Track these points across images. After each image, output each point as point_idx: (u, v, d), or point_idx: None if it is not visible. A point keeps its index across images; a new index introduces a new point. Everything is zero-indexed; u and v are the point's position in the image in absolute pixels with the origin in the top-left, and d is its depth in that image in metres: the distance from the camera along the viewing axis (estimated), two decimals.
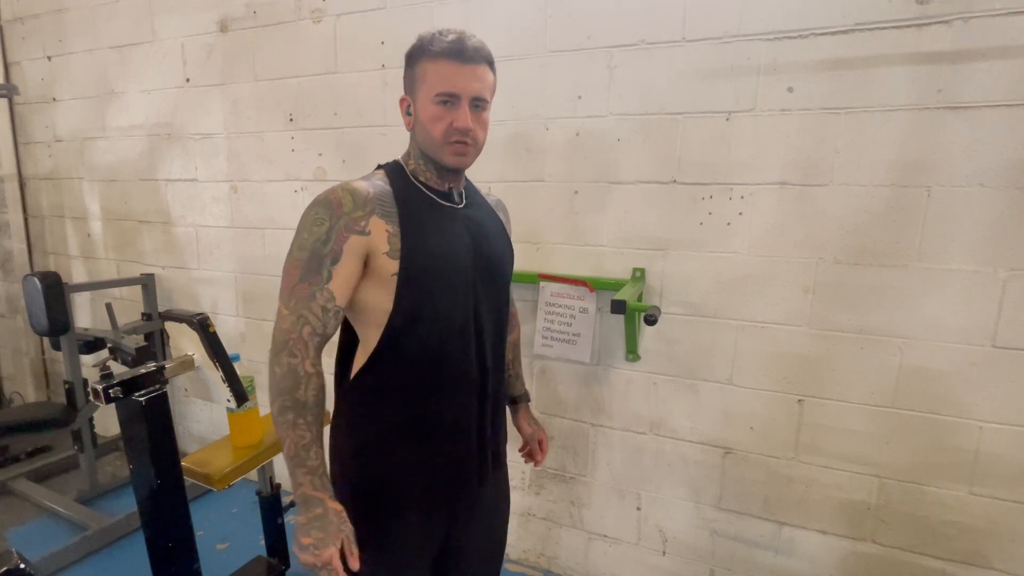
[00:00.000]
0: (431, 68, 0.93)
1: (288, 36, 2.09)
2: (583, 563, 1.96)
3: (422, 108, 0.95)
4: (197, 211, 2.46)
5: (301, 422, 0.88)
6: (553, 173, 1.75)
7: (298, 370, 0.89)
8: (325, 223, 0.90)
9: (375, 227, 0.93)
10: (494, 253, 1.07)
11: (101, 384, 1.31)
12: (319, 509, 0.87)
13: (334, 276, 0.90)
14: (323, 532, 0.85)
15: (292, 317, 0.90)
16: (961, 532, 1.45)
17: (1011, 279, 1.32)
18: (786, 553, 1.66)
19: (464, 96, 0.94)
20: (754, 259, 1.54)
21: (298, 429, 0.88)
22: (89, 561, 2.05)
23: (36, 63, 2.79)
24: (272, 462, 1.76)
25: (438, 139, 0.95)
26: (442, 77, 0.93)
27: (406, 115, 1.01)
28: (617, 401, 1.79)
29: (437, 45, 0.93)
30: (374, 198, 0.94)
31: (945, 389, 1.41)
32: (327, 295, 0.90)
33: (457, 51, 0.92)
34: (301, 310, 0.90)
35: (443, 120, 0.94)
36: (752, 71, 1.46)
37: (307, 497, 0.87)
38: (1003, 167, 1.29)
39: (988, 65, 1.27)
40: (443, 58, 0.92)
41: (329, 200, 0.92)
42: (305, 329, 0.89)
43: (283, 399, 0.89)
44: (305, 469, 0.88)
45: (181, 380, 2.71)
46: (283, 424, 0.88)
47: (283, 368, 0.89)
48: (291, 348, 0.89)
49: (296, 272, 0.90)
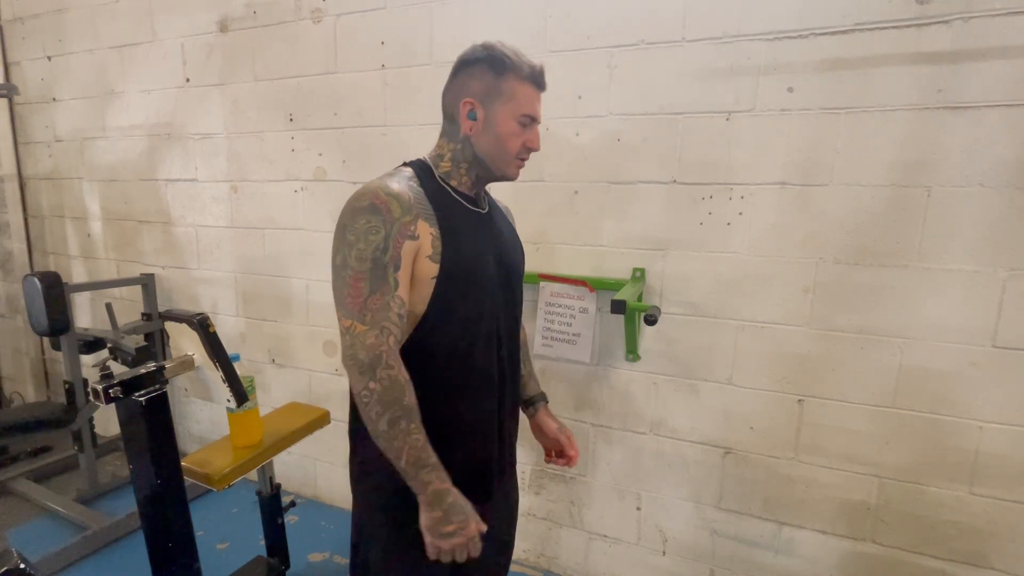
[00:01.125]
0: (520, 89, 0.99)
1: (288, 36, 2.09)
2: (583, 563, 1.96)
3: (502, 122, 0.99)
4: (197, 211, 2.46)
5: (414, 427, 0.90)
6: (553, 173, 1.75)
7: (398, 379, 0.89)
8: (380, 231, 0.90)
9: (422, 231, 0.94)
10: (512, 259, 1.12)
11: (101, 384, 1.30)
12: (450, 498, 0.91)
13: (400, 282, 0.91)
14: (462, 515, 0.91)
15: (375, 331, 0.88)
16: (961, 532, 1.45)
17: (1011, 279, 1.32)
18: (786, 553, 1.66)
19: (539, 121, 1.04)
20: (754, 259, 1.54)
21: (412, 435, 0.89)
22: (89, 561, 2.04)
23: (36, 63, 2.79)
24: (272, 462, 1.76)
25: (511, 153, 1.02)
26: (529, 100, 1.00)
27: (468, 119, 1.00)
28: (617, 401, 1.79)
29: (525, 69, 0.99)
30: (415, 201, 0.95)
31: (945, 389, 1.41)
32: (399, 302, 0.91)
33: (539, 79, 1.02)
34: (381, 322, 0.89)
35: (519, 137, 1.01)
36: (752, 71, 1.46)
37: (438, 492, 0.90)
38: (1003, 167, 1.29)
39: (988, 65, 1.27)
40: (530, 83, 1.00)
41: (376, 206, 0.91)
42: (391, 339, 0.89)
43: (393, 411, 0.88)
44: (428, 468, 0.90)
45: (181, 380, 2.72)
46: (399, 434, 0.89)
47: (384, 382, 0.88)
48: (386, 361, 0.88)
49: (362, 285, 0.89)
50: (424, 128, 1.89)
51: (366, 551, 1.09)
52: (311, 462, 2.44)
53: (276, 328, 2.38)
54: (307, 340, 2.31)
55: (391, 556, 1.05)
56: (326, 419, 1.84)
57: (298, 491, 2.50)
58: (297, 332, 2.33)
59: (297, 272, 2.27)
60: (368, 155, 2.02)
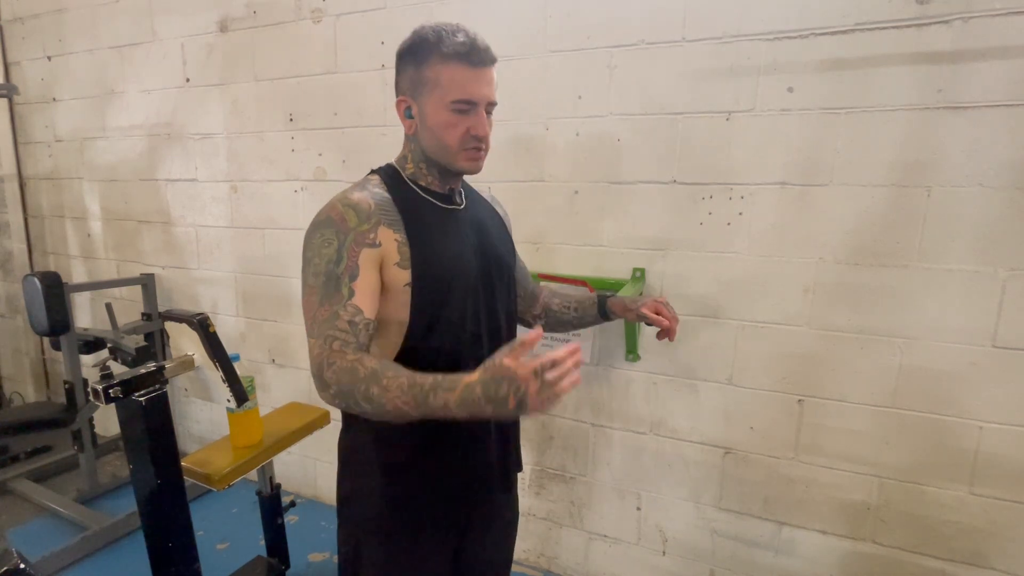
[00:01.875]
0: (444, 72, 0.88)
1: (288, 36, 2.09)
2: (583, 563, 1.96)
3: (433, 114, 0.91)
4: (197, 211, 2.46)
5: (387, 381, 0.77)
6: (553, 173, 1.75)
7: (344, 366, 0.81)
8: (333, 243, 0.86)
9: (384, 237, 0.89)
10: (498, 251, 1.06)
11: (101, 384, 1.31)
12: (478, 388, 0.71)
13: (356, 291, 0.86)
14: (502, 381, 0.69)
15: (319, 341, 0.84)
16: (961, 532, 1.45)
17: (1011, 279, 1.32)
18: (786, 553, 1.66)
19: (480, 103, 0.91)
20: (754, 259, 1.54)
21: (391, 388, 0.77)
22: (89, 561, 2.05)
23: (36, 63, 2.79)
24: (272, 462, 1.76)
25: (454, 146, 0.92)
26: (457, 83, 0.88)
27: (406, 118, 0.96)
28: (617, 401, 1.79)
29: (448, 46, 0.87)
30: (376, 208, 0.90)
31: (945, 389, 1.41)
32: (352, 310, 0.85)
33: (470, 53, 0.88)
34: (326, 331, 0.84)
35: (458, 127, 0.90)
36: (752, 71, 1.46)
37: (461, 399, 0.73)
38: (1003, 167, 1.29)
39: (988, 65, 1.27)
40: (455, 61, 0.88)
41: (331, 218, 0.88)
42: (335, 344, 0.83)
43: (359, 389, 0.79)
44: (432, 393, 0.75)
45: (181, 380, 2.71)
46: (383, 400, 0.77)
47: (333, 381, 0.81)
48: (327, 362, 0.82)
49: (314, 299, 0.86)
50: None
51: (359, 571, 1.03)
52: (311, 462, 2.44)
53: (276, 328, 2.38)
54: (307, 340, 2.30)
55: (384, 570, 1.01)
56: (326, 419, 1.85)
57: (298, 491, 2.50)
58: (297, 332, 2.33)
59: (297, 272, 2.24)
60: (368, 155, 2.02)
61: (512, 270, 1.12)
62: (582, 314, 1.23)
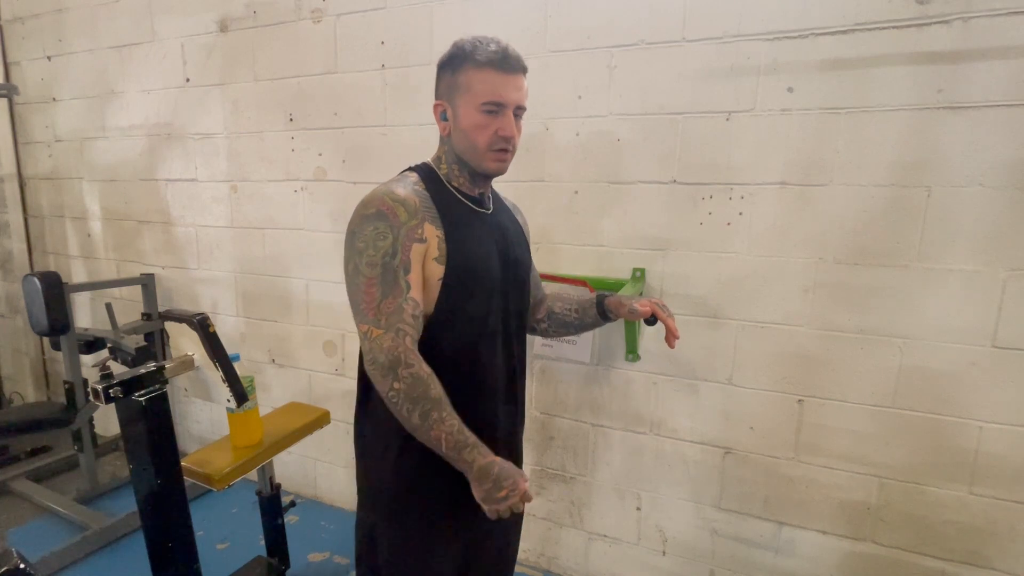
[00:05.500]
0: (476, 77, 0.95)
1: (288, 36, 2.09)
2: (583, 563, 1.96)
3: (465, 116, 0.97)
4: (197, 211, 2.46)
5: (446, 414, 0.90)
6: (553, 173, 1.75)
7: (420, 375, 0.90)
8: (388, 236, 0.91)
9: (428, 233, 0.95)
10: (518, 257, 1.11)
11: (101, 384, 1.30)
12: (496, 469, 0.89)
13: (412, 285, 0.92)
14: (510, 478, 0.89)
15: (391, 333, 0.90)
16: (961, 532, 1.45)
17: (1011, 279, 1.32)
18: (786, 553, 1.66)
19: (509, 105, 0.96)
20: (754, 259, 1.54)
21: (446, 422, 0.90)
22: (89, 561, 2.04)
23: (36, 63, 2.79)
24: (272, 462, 1.76)
25: (482, 146, 0.97)
26: (488, 86, 0.94)
27: (441, 120, 1.02)
28: (617, 401, 1.79)
29: (482, 54, 0.94)
30: (421, 205, 0.96)
31: (945, 389, 1.41)
32: (412, 304, 0.92)
33: (501, 61, 0.94)
34: (396, 324, 0.90)
35: (488, 128, 0.96)
36: (752, 71, 1.46)
37: (483, 467, 0.89)
38: (1003, 167, 1.29)
39: (988, 65, 1.27)
40: (488, 67, 0.94)
41: (383, 212, 0.93)
42: (407, 340, 0.90)
43: (422, 405, 0.89)
44: (469, 447, 0.90)
45: (181, 380, 2.71)
46: (433, 425, 0.89)
47: (407, 380, 0.89)
48: (405, 360, 0.89)
49: (375, 290, 0.91)
50: (424, 128, 1.89)
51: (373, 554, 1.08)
52: (311, 462, 2.44)
53: (276, 328, 2.38)
54: (307, 340, 2.31)
55: (399, 558, 1.05)
56: (326, 419, 1.85)
57: (298, 491, 2.50)
58: (297, 332, 2.33)
59: (297, 272, 2.27)
60: (368, 155, 2.02)
61: (528, 276, 1.17)
62: (582, 316, 1.26)
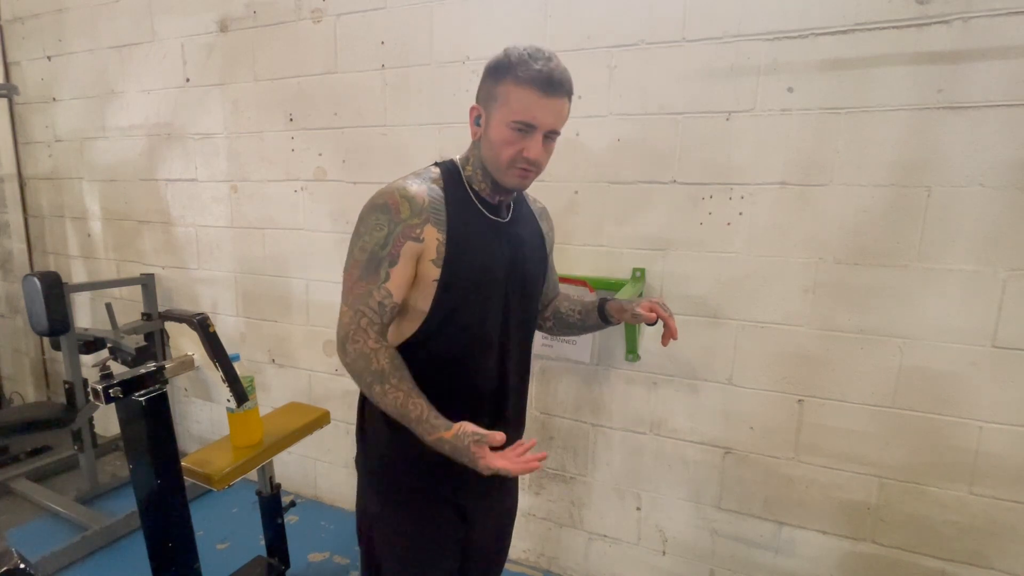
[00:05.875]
0: (514, 92, 0.92)
1: (288, 36, 2.08)
2: (583, 563, 1.96)
3: (495, 128, 0.95)
4: (197, 211, 2.46)
5: (389, 387, 0.93)
6: (553, 173, 1.74)
7: (363, 351, 0.94)
8: (384, 228, 0.94)
9: (428, 235, 0.96)
10: (528, 270, 1.10)
11: (101, 384, 1.30)
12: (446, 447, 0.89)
13: (391, 276, 0.95)
14: (465, 457, 0.88)
15: (350, 312, 0.95)
16: (961, 532, 1.45)
17: (1011, 279, 1.32)
18: (786, 553, 1.66)
19: (541, 128, 0.94)
20: (754, 259, 1.54)
21: (388, 395, 0.93)
22: (89, 561, 2.04)
23: (36, 63, 2.79)
24: (272, 462, 1.76)
25: (504, 162, 0.96)
26: (523, 105, 0.91)
27: (474, 124, 1.01)
28: (617, 401, 1.79)
29: (525, 71, 0.90)
30: (429, 206, 0.96)
31: (945, 389, 1.41)
32: (384, 292, 0.95)
33: (544, 82, 0.91)
34: (358, 306, 0.95)
35: (513, 146, 0.94)
36: (752, 71, 1.46)
37: (435, 442, 0.91)
38: (1003, 167, 1.29)
39: (988, 65, 1.27)
40: (529, 86, 0.91)
41: (388, 205, 0.95)
42: (363, 320, 0.95)
43: (364, 378, 0.95)
44: (419, 421, 0.92)
45: (181, 380, 2.71)
46: (378, 397, 0.94)
47: (351, 355, 0.95)
48: (352, 336, 0.94)
49: (356, 272, 0.96)
50: (424, 128, 1.89)
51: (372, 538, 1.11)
52: (311, 462, 2.44)
53: (276, 328, 2.38)
54: (307, 340, 2.31)
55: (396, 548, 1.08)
56: (326, 419, 1.84)
57: (298, 491, 2.50)
58: (297, 332, 2.33)
59: (297, 272, 2.27)
60: (368, 155, 2.02)
61: (538, 287, 1.16)
62: (585, 318, 1.26)
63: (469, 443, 0.87)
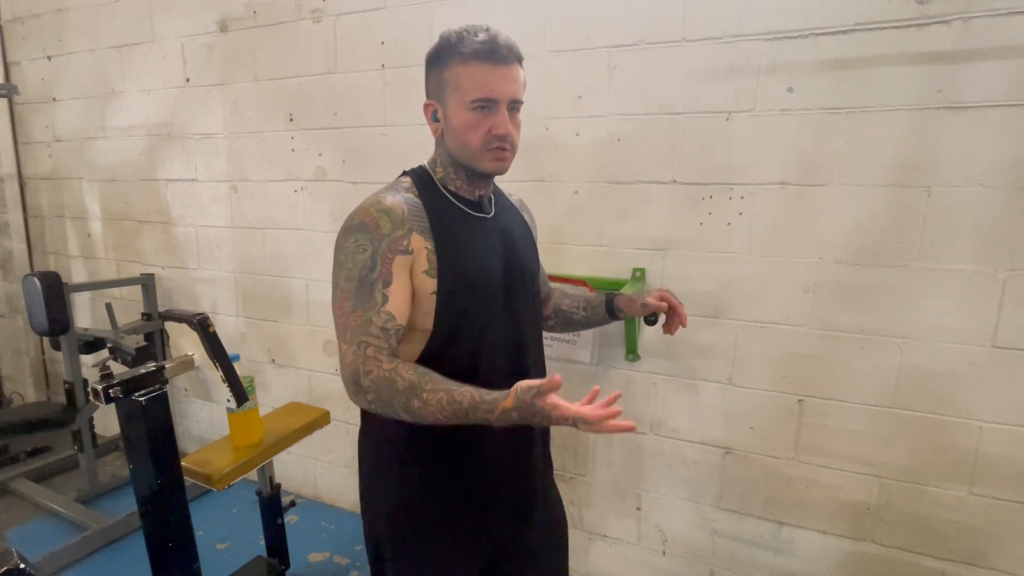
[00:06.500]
0: (463, 72, 0.88)
1: (288, 36, 2.08)
2: (583, 563, 1.96)
3: (455, 114, 0.90)
4: (197, 211, 2.46)
5: (427, 394, 0.82)
6: (553, 173, 1.75)
7: (381, 375, 0.84)
8: (367, 249, 0.86)
9: (416, 244, 0.90)
10: (523, 262, 1.06)
11: (101, 384, 1.31)
12: (515, 415, 0.81)
13: (389, 297, 0.87)
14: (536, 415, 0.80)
15: (352, 348, 0.85)
16: (961, 532, 1.45)
17: (1011, 279, 1.32)
18: (786, 553, 1.66)
19: (502, 100, 0.89)
20: (754, 259, 1.54)
21: (431, 403, 0.82)
22: (89, 561, 2.05)
23: (36, 63, 2.79)
24: (272, 462, 1.76)
25: (476, 147, 0.91)
26: (477, 82, 0.87)
27: (432, 121, 0.96)
28: (617, 401, 1.78)
29: (468, 46, 0.87)
30: (409, 214, 0.90)
31: (945, 389, 1.41)
32: (385, 316, 0.86)
33: (490, 52, 0.87)
34: (359, 338, 0.85)
35: (480, 127, 0.89)
36: (752, 71, 1.46)
37: (501, 418, 0.81)
38: (1003, 167, 1.29)
39: (988, 65, 1.26)
40: (476, 60, 0.87)
41: (365, 224, 0.88)
42: (368, 350, 0.85)
43: (396, 402, 0.83)
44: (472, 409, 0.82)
45: (181, 380, 2.71)
46: (421, 412, 0.83)
47: (370, 387, 0.84)
48: (363, 371, 0.84)
49: (347, 304, 0.87)
50: (424, 128, 1.87)
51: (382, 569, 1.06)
52: (311, 462, 2.44)
53: (276, 328, 2.38)
54: (307, 340, 2.31)
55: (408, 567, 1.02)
56: (326, 419, 1.85)
57: (298, 491, 2.50)
58: (297, 332, 2.33)
59: (297, 272, 2.27)
60: (368, 155, 2.02)
61: (536, 278, 1.12)
62: (590, 314, 1.24)
63: (532, 399, 0.79)
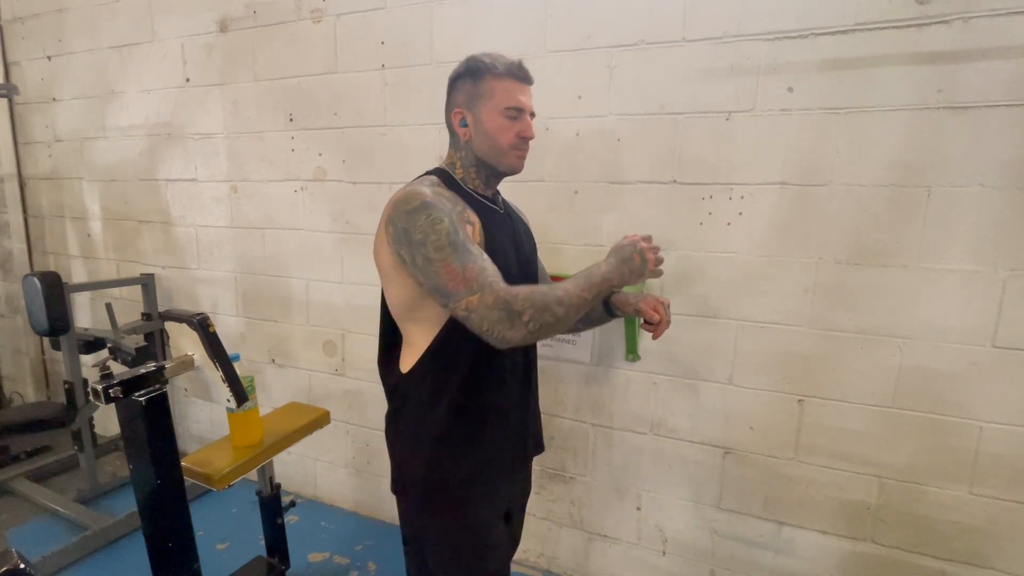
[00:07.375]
0: (498, 85, 1.05)
1: (288, 36, 2.08)
2: (583, 563, 1.96)
3: (488, 119, 1.06)
4: (197, 211, 2.46)
5: (561, 290, 0.95)
6: (553, 173, 1.75)
7: (526, 293, 0.93)
8: (443, 219, 0.95)
9: (472, 218, 1.04)
10: (528, 253, 1.22)
11: (101, 384, 1.30)
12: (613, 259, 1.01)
13: (482, 251, 0.99)
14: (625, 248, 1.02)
15: (486, 291, 0.93)
16: (961, 532, 1.45)
17: (1011, 279, 1.32)
18: (786, 553, 1.66)
19: (527, 110, 1.09)
20: (754, 259, 1.54)
21: (570, 289, 0.96)
22: (89, 561, 2.04)
23: (36, 63, 2.79)
24: (272, 462, 1.76)
25: (505, 146, 1.07)
26: (510, 94, 1.06)
27: (460, 127, 1.09)
28: (617, 401, 1.79)
29: (501, 66, 1.06)
30: (452, 195, 1.05)
31: (945, 389, 1.41)
32: (491, 264, 0.97)
33: (519, 72, 1.08)
34: (486, 280, 0.93)
35: (510, 130, 1.07)
36: (752, 71, 1.46)
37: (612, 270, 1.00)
38: (1003, 167, 1.29)
39: (988, 65, 1.27)
40: (508, 78, 1.06)
41: (428, 203, 0.97)
42: (500, 285, 0.94)
43: (550, 300, 0.93)
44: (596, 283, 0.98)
45: (181, 380, 2.72)
46: (569, 300, 0.95)
47: (528, 306, 0.92)
48: (509, 298, 0.92)
49: (454, 265, 0.93)
50: (424, 128, 1.89)
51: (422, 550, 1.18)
52: (311, 462, 2.44)
53: (276, 328, 2.38)
54: (307, 340, 2.31)
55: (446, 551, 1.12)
56: (326, 419, 1.84)
57: (298, 491, 2.50)
58: (297, 332, 2.33)
59: (297, 272, 2.27)
60: (368, 155, 2.02)
61: (536, 271, 1.26)
62: (589, 312, 1.28)
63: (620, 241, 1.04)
